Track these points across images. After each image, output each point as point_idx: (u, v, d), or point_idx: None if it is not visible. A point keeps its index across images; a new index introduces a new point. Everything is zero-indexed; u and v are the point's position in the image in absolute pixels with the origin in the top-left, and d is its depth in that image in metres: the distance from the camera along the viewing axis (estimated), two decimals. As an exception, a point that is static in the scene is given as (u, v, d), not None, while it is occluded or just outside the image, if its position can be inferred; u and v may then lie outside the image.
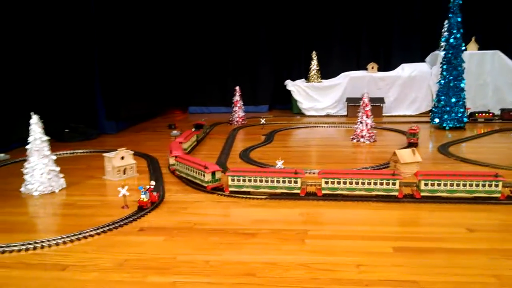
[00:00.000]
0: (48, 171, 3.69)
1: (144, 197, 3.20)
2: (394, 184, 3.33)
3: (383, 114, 7.59)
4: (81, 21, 6.03)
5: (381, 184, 3.34)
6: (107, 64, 6.20)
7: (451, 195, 3.29)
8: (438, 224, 2.90)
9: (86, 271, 2.34)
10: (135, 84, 6.81)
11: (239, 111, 7.13)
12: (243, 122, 7.14)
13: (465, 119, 6.22)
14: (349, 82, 7.94)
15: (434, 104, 6.44)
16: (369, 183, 3.35)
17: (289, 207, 3.26)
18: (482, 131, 6.14)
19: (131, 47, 6.66)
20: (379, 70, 8.06)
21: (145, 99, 7.26)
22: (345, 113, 7.86)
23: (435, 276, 2.21)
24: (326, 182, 3.39)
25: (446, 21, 7.68)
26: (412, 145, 5.26)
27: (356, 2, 8.43)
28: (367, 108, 5.50)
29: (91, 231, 2.83)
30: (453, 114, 6.16)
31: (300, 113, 8.07)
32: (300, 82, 8.16)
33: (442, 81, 6.23)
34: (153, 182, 3.36)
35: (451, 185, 3.28)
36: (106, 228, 2.86)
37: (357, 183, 3.36)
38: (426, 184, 3.31)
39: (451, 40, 6.09)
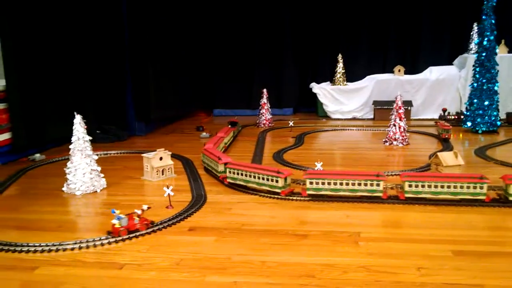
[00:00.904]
0: (90, 171, 3.71)
1: (116, 223, 2.70)
2: (378, 185, 3.29)
3: (411, 118, 7.50)
4: (112, 24, 6.09)
5: (365, 185, 3.31)
6: (137, 67, 6.25)
7: (435, 197, 3.25)
8: (494, 228, 2.85)
9: (143, 270, 2.33)
10: (164, 86, 6.84)
11: (266, 114, 7.11)
12: (270, 124, 7.12)
13: (499, 123, 6.12)
14: (375, 85, 7.87)
15: (466, 108, 6.35)
16: (353, 184, 3.32)
17: (336, 209, 3.22)
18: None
19: (160, 50, 6.69)
20: (406, 73, 7.98)
21: (173, 101, 7.28)
22: (372, 116, 7.79)
23: (500, 280, 2.16)
24: (311, 183, 3.37)
25: (475, 24, 7.67)
26: (445, 140, 5.23)
27: (382, 4, 8.35)
28: (401, 111, 5.45)
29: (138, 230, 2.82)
30: (486, 117, 6.06)
31: (325, 116, 8.02)
32: (326, 85, 8.12)
33: (475, 84, 6.14)
34: (145, 207, 2.85)
35: (435, 186, 3.24)
36: (155, 228, 2.86)
37: (341, 184, 3.34)
38: (410, 186, 3.27)
39: (485, 43, 6.00)
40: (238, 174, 3.65)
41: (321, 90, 8.00)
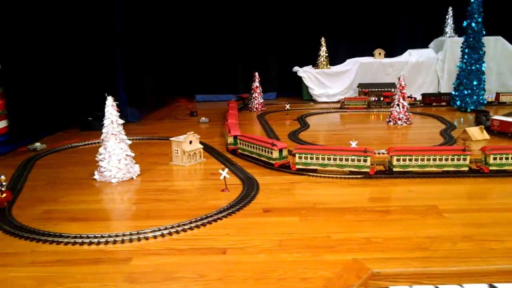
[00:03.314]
0: (125, 156, 3.44)
1: None
2: (271, 153, 3.63)
3: (395, 99, 7.69)
4: (103, 12, 5.72)
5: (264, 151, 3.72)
6: (128, 53, 5.93)
7: (323, 169, 3.46)
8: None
9: (249, 253, 2.20)
10: (154, 72, 6.55)
11: (258, 98, 6.99)
12: (262, 108, 7.01)
13: (485, 101, 6.43)
14: (359, 68, 7.98)
15: (454, 88, 6.61)
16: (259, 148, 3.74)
17: (394, 185, 3.22)
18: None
19: (148, 37, 6.39)
20: (384, 56, 8.16)
21: (160, 87, 6.99)
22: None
23: None
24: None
25: (450, 8, 8.00)
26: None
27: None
28: (404, 91, 5.55)
29: (215, 214, 2.67)
30: (475, 96, 6.34)
31: (311, 99, 8.02)
32: (310, 69, 8.12)
33: (463, 65, 6.39)
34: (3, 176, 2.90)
35: (323, 159, 3.44)
36: (230, 211, 2.71)
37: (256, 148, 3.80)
38: (300, 157, 3.50)
39: (473, 25, 6.24)
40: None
41: (306, 73, 7.98)
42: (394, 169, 3.39)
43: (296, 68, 8.14)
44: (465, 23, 6.40)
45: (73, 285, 1.93)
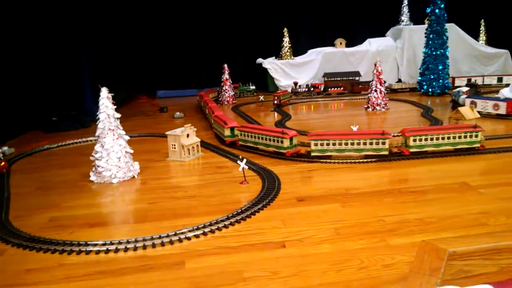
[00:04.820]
0: (125, 153, 3.12)
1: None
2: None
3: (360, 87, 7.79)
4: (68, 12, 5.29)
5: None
6: (93, 51, 5.56)
7: (256, 146, 3.68)
8: None
9: (310, 244, 2.03)
10: (117, 69, 6.17)
11: (229, 90, 6.77)
12: (233, 101, 6.80)
13: (450, 85, 6.67)
14: (322, 58, 7.99)
15: (420, 73, 6.78)
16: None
17: (415, 166, 3.17)
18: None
19: (111, 34, 6.01)
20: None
21: (125, 83, 6.59)
22: (322, 88, 7.90)
23: None
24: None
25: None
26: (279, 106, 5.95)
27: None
28: (381, 76, 5.59)
29: (250, 207, 2.46)
30: (441, 80, 6.55)
31: (277, 91, 7.90)
32: (273, 60, 8.01)
33: (429, 51, 6.57)
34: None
35: (254, 137, 3.66)
36: (264, 203, 2.51)
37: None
38: (241, 135, 3.77)
39: (436, 11, 6.43)
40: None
41: (272, 65, 7.86)
42: (312, 154, 3.37)
43: (260, 60, 8.01)
44: (428, 10, 6.58)
45: (133, 297, 1.66)
